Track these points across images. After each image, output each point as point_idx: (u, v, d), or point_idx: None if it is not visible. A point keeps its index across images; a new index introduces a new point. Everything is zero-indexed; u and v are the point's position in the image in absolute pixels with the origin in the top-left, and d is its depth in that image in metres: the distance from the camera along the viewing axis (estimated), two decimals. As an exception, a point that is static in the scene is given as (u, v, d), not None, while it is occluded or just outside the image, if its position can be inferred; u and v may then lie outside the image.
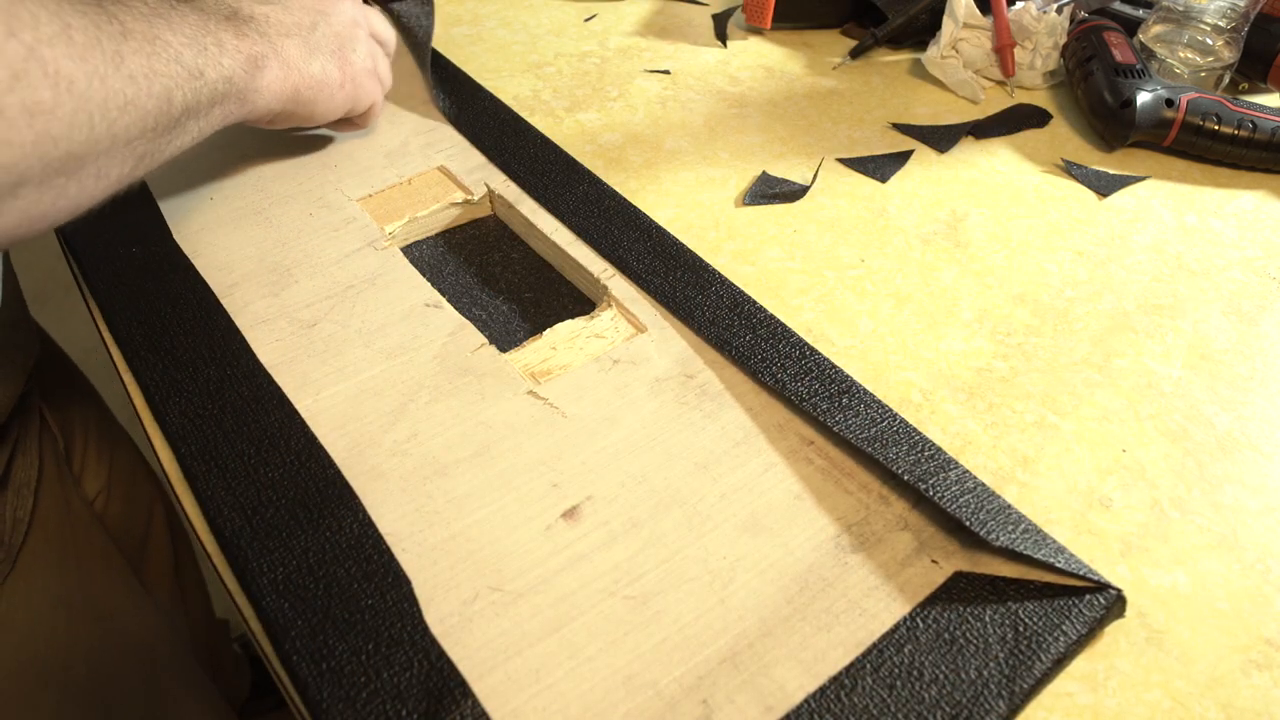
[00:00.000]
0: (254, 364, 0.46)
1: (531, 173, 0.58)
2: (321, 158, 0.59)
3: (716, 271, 0.51)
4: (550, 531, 0.39)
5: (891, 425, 0.42)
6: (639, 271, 0.51)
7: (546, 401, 0.44)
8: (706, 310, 0.48)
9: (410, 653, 0.35)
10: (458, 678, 0.34)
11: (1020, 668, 0.34)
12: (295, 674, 0.34)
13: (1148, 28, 0.68)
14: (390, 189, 0.57)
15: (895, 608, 0.36)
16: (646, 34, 0.74)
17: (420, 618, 0.36)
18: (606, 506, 0.40)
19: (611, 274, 0.51)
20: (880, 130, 0.64)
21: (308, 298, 0.49)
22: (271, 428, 0.43)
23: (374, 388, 0.45)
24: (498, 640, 0.35)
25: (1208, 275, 0.54)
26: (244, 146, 0.60)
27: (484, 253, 0.55)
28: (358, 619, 0.36)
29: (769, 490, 0.41)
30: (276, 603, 0.36)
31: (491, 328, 0.50)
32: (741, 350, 0.46)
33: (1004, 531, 0.38)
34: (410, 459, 0.42)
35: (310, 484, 0.40)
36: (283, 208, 0.55)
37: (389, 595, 0.36)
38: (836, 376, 0.45)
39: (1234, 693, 0.35)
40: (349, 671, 0.34)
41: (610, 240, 0.53)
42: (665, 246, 0.52)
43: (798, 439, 0.43)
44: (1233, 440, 0.45)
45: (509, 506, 0.40)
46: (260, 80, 0.47)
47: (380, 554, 0.38)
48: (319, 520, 0.39)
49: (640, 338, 0.48)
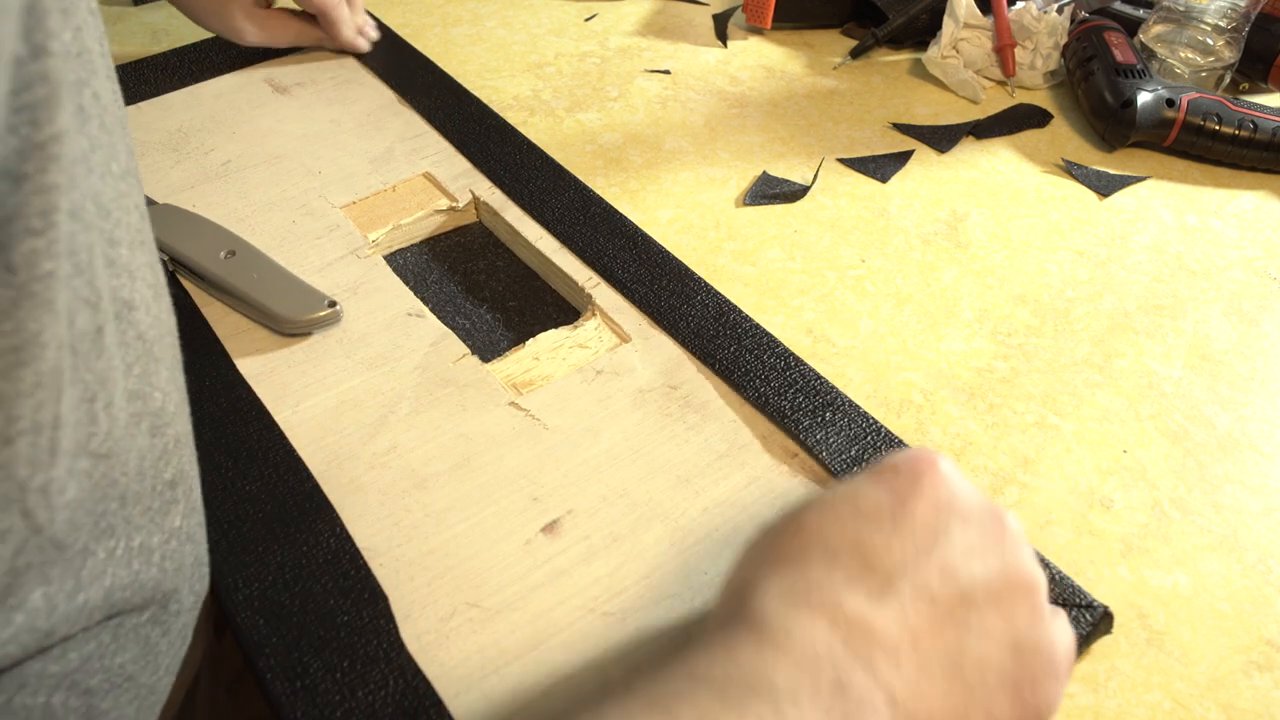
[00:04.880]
0: (233, 374, 0.45)
1: (517, 179, 0.57)
2: (305, 164, 0.59)
3: (703, 280, 0.50)
4: (530, 546, 0.39)
5: (876, 440, 0.42)
6: (624, 280, 0.50)
7: (528, 413, 0.44)
8: (692, 320, 0.48)
9: (386, 670, 0.34)
10: (433, 696, 0.34)
11: None
12: (269, 692, 0.34)
13: (1148, 28, 0.68)
14: (374, 196, 0.56)
15: None
16: (646, 34, 0.74)
17: (397, 634, 0.35)
18: (587, 520, 0.40)
19: (596, 283, 0.50)
20: (881, 130, 0.64)
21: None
22: (250, 440, 0.42)
23: (354, 399, 0.44)
24: (475, 657, 0.35)
25: (1208, 275, 0.54)
26: (228, 152, 0.59)
27: (468, 260, 0.55)
28: (333, 635, 0.35)
29: (752, 504, 0.40)
30: (251, 619, 0.36)
31: (475, 337, 0.50)
32: (726, 362, 0.46)
33: None
34: (390, 471, 0.41)
35: (288, 497, 0.40)
36: (265, 215, 0.55)
37: (365, 611, 0.36)
38: (821, 388, 0.44)
39: (1235, 693, 0.35)
40: (323, 690, 0.34)
41: (596, 248, 0.52)
42: (651, 254, 0.52)
43: (782, 451, 0.42)
44: (1233, 441, 0.44)
45: (488, 520, 0.39)
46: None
47: (357, 569, 0.37)
48: (296, 534, 0.39)
49: (624, 348, 0.47)
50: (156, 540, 0.32)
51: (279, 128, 0.62)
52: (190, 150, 0.59)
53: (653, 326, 0.48)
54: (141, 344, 0.30)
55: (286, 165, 0.58)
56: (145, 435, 0.30)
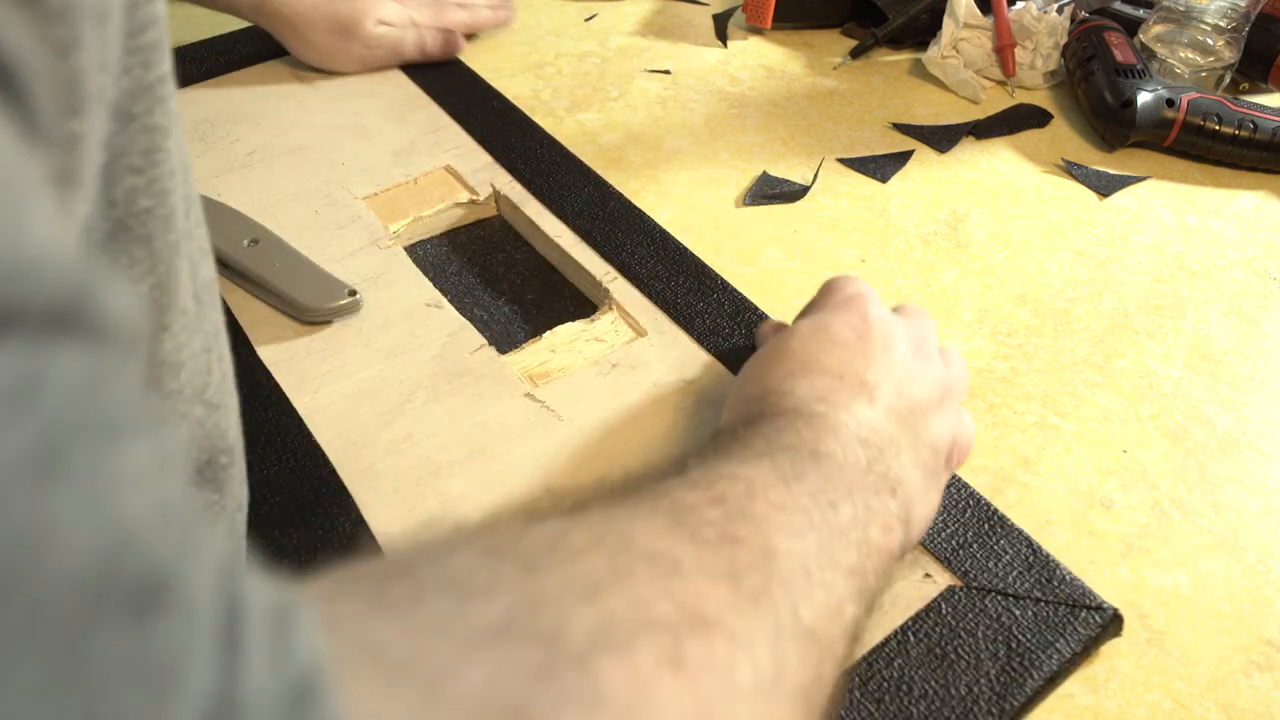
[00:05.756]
0: (253, 360, 0.45)
1: (537, 174, 0.58)
2: (329, 155, 0.59)
3: (720, 277, 0.51)
4: None
5: None
6: (641, 275, 0.51)
7: (544, 405, 0.44)
8: (708, 317, 0.48)
9: None
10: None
11: (1012, 685, 0.34)
12: None
13: (1148, 28, 0.68)
14: (396, 187, 0.57)
15: (886, 622, 0.36)
16: (647, 34, 0.74)
17: None
18: None
19: (614, 277, 0.51)
20: (881, 130, 0.64)
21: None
22: (268, 425, 0.43)
23: (372, 387, 0.45)
24: None
25: (1208, 275, 0.54)
26: (253, 142, 0.60)
27: (488, 253, 0.55)
28: None
29: None
30: None
31: (492, 329, 0.50)
32: (741, 360, 0.46)
33: (999, 544, 0.38)
34: (406, 459, 0.42)
35: (305, 482, 0.40)
36: (289, 205, 0.55)
37: None
38: None
39: (1235, 694, 0.35)
40: None
41: (614, 243, 0.52)
42: (669, 250, 0.52)
43: None
44: (1233, 441, 0.44)
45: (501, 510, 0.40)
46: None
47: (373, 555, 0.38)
48: (312, 519, 0.39)
49: (640, 342, 0.47)
50: (234, 504, 0.33)
51: (303, 119, 0.62)
52: (216, 140, 0.60)
53: (669, 321, 0.48)
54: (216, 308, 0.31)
55: (310, 156, 0.59)
56: (232, 393, 0.31)
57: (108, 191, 0.23)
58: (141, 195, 0.24)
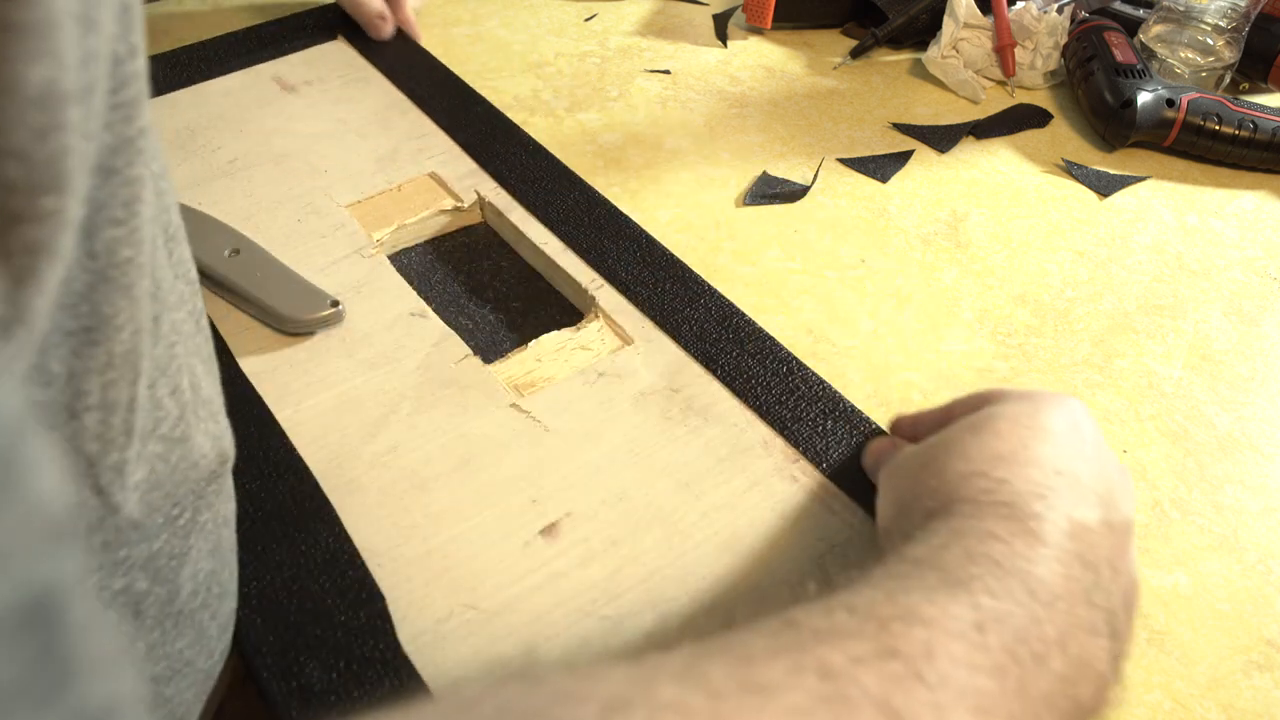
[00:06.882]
0: (235, 372, 0.45)
1: (523, 180, 0.57)
2: (312, 162, 0.59)
3: (706, 283, 0.50)
4: (528, 548, 0.39)
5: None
6: (628, 282, 0.50)
7: (529, 415, 0.44)
8: (695, 323, 0.48)
9: (382, 671, 0.34)
10: (429, 697, 0.34)
11: None
12: (265, 692, 0.34)
13: (1148, 28, 0.68)
14: (380, 195, 0.56)
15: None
16: (646, 34, 0.74)
17: (394, 635, 0.35)
18: (586, 523, 0.39)
19: (600, 284, 0.50)
20: (881, 130, 0.64)
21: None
22: (250, 438, 0.42)
23: (355, 398, 0.44)
24: (471, 660, 0.35)
25: (1208, 275, 0.54)
26: (234, 150, 0.59)
27: (473, 261, 0.55)
28: (330, 635, 0.35)
29: (752, 509, 0.40)
30: (249, 618, 0.36)
31: (477, 338, 0.49)
32: (728, 366, 0.46)
33: None
34: (390, 472, 0.41)
35: (287, 496, 0.40)
36: (271, 213, 0.54)
37: (363, 611, 0.36)
38: (824, 394, 0.44)
39: (1235, 694, 0.35)
40: (319, 690, 0.34)
41: (600, 250, 0.52)
42: (655, 256, 0.52)
43: (783, 456, 0.42)
44: (1233, 441, 0.44)
45: (487, 522, 0.39)
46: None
47: (355, 569, 0.37)
48: (294, 533, 0.39)
49: (626, 350, 0.47)
50: (212, 523, 0.32)
51: (286, 126, 0.61)
52: (197, 148, 0.59)
53: (655, 329, 0.48)
54: (199, 335, 0.31)
55: (292, 164, 0.58)
56: (208, 419, 0.31)
57: (87, 244, 0.23)
58: (123, 246, 0.24)
